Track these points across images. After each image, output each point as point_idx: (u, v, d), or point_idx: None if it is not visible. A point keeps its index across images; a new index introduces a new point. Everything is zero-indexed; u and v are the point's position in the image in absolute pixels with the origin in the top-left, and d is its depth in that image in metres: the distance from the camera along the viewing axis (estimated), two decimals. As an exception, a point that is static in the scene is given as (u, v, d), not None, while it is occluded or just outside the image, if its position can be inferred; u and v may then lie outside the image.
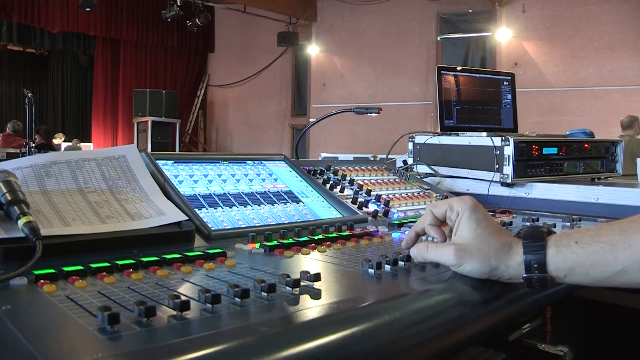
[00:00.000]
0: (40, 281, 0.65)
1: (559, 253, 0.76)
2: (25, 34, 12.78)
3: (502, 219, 1.39)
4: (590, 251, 0.75)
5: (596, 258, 0.74)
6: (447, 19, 11.13)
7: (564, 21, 9.49)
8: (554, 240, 0.77)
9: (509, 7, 10.09)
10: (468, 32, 10.97)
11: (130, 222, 0.94)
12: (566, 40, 9.49)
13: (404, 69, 11.30)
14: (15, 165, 0.97)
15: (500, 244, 0.77)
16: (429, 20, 11.16)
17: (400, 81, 11.24)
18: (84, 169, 1.03)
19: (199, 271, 0.75)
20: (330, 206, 1.26)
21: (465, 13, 10.95)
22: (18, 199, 0.84)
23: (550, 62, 9.74)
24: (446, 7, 10.98)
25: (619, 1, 9.04)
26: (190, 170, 1.17)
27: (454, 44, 11.20)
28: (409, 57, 11.27)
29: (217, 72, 14.37)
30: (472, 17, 10.91)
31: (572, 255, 0.75)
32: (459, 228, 0.80)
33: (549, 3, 9.67)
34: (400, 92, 11.26)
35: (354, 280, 0.74)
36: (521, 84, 9.91)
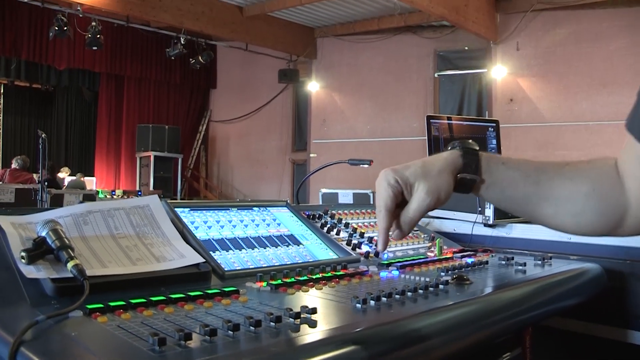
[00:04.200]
0: (94, 314, 0.82)
1: (488, 165, 0.94)
2: (32, 71, 13.06)
3: (481, 258, 1.56)
4: (509, 173, 0.94)
5: (511, 180, 0.94)
6: (444, 56, 11.38)
7: (557, 58, 9.75)
8: (486, 155, 0.96)
9: (504, 45, 10.35)
10: (465, 69, 11.22)
11: (157, 264, 1.10)
12: (560, 77, 9.73)
13: (402, 105, 11.50)
14: (58, 215, 1.14)
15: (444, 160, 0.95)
16: (427, 58, 11.40)
17: (399, 117, 11.42)
18: (115, 217, 1.20)
19: (218, 306, 0.92)
20: (327, 248, 1.43)
21: (461, 50, 11.19)
22: (65, 245, 1.00)
23: (545, 97, 9.96)
24: (443, 45, 11.23)
25: (608, 39, 9.32)
26: (204, 217, 1.34)
27: (451, 80, 11.43)
28: (407, 93, 11.50)
29: (218, 108, 14.62)
30: (468, 55, 11.16)
31: (497, 170, 0.94)
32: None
33: (542, 41, 9.94)
34: (399, 127, 11.44)
35: (343, 312, 0.91)
36: (517, 119, 10.15)
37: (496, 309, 1.06)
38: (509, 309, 1.08)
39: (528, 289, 1.19)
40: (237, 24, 11.17)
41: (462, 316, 0.97)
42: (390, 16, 10.79)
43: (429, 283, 1.08)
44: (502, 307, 1.08)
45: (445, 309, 0.96)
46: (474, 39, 10.36)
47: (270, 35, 11.68)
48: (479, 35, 10.01)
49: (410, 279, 1.20)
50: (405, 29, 11.24)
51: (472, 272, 1.35)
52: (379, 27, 11.39)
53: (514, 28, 10.11)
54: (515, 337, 1.45)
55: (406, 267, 1.35)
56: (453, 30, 10.58)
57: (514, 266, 1.46)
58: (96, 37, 10.35)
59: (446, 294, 1.07)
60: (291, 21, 11.83)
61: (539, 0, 9.63)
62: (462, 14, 9.26)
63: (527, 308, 1.13)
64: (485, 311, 1.02)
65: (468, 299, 1.04)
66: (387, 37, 11.57)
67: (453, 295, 1.06)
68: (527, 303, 1.15)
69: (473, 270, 1.38)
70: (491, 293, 1.12)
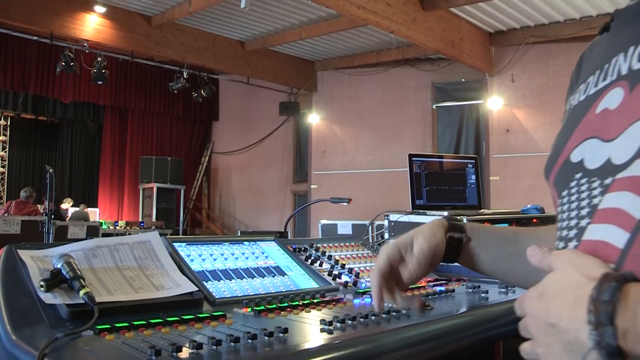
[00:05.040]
0: (102, 333, 0.99)
1: (472, 227, 1.08)
2: (38, 104, 13.36)
3: (450, 286, 1.72)
4: (491, 234, 1.09)
5: (495, 240, 1.07)
6: (442, 87, 11.61)
7: (551, 89, 9.94)
8: (469, 222, 1.12)
9: (499, 76, 10.57)
10: (462, 100, 11.43)
11: (156, 292, 1.27)
12: (554, 108, 9.90)
13: (401, 136, 11.69)
14: (70, 249, 1.31)
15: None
16: (425, 89, 11.63)
17: (398, 147, 11.56)
18: (120, 251, 1.38)
19: (207, 327, 1.08)
20: (310, 278, 1.59)
21: (458, 82, 11.42)
22: (77, 275, 1.17)
23: (540, 128, 10.12)
24: (440, 77, 11.47)
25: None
26: (199, 250, 1.51)
27: (448, 111, 11.64)
28: (406, 124, 11.70)
29: (221, 140, 14.84)
30: (465, 86, 11.39)
31: (480, 231, 1.08)
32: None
33: (536, 73, 10.16)
34: (398, 158, 11.58)
35: (311, 332, 1.08)
36: (513, 149, 10.34)
37: (450, 331, 1.22)
38: (459, 332, 1.24)
39: (481, 314, 1.36)
40: (239, 58, 11.46)
41: (416, 337, 1.13)
42: (388, 49, 11.06)
43: (392, 308, 1.25)
44: (455, 329, 1.24)
45: (400, 330, 1.12)
46: (471, 70, 10.59)
47: (271, 68, 11.96)
48: (474, 67, 10.25)
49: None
50: (403, 61, 11.50)
51: (437, 299, 1.51)
52: (377, 60, 11.65)
53: (509, 60, 10.34)
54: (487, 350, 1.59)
55: (379, 295, 1.51)
56: (450, 62, 10.82)
57: (479, 294, 1.62)
58: (101, 71, 10.63)
59: (407, 317, 1.23)
60: (291, 55, 12.11)
61: (532, 34, 9.87)
62: (458, 47, 9.51)
63: (478, 331, 1.29)
64: (437, 333, 1.18)
65: (423, 321, 1.20)
66: (385, 69, 11.83)
67: (413, 319, 1.22)
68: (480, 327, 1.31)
69: (439, 298, 1.54)
70: (447, 318, 1.28)
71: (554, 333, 0.60)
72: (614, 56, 0.75)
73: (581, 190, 0.71)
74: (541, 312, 0.62)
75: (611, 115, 0.70)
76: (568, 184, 0.75)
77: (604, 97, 0.73)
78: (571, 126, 0.79)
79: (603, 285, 0.56)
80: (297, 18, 9.99)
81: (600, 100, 0.74)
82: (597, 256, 0.63)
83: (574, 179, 0.74)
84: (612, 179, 0.67)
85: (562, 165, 0.77)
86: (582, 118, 0.77)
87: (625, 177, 0.65)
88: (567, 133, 0.79)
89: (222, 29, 10.79)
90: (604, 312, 0.54)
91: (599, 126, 0.72)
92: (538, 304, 0.63)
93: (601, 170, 0.69)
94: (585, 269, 0.60)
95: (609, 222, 0.65)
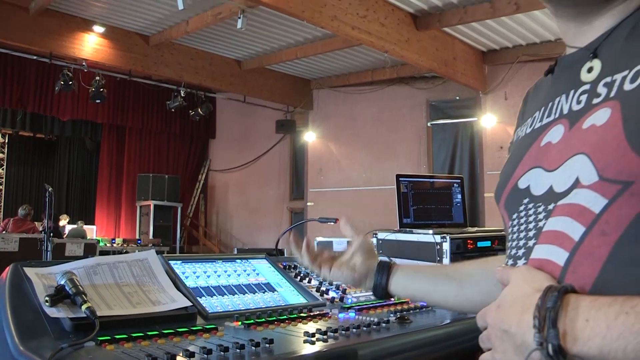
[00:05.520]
0: (103, 344, 1.08)
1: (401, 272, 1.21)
2: (36, 122, 13.41)
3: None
4: (419, 274, 1.21)
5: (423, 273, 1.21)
6: (436, 105, 11.71)
7: (544, 108, 10.05)
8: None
9: (493, 94, 10.70)
10: (456, 118, 11.53)
11: (153, 307, 1.36)
12: (547, 126, 10.02)
13: (397, 154, 11.77)
14: (73, 267, 1.40)
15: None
16: (419, 107, 11.73)
17: (393, 165, 11.62)
18: (119, 268, 1.47)
19: (200, 339, 1.18)
20: (298, 294, 1.68)
21: (452, 100, 11.53)
22: (80, 291, 1.26)
23: (534, 146, 10.22)
24: (435, 95, 11.58)
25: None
26: (193, 268, 1.61)
27: (443, 129, 11.73)
28: (401, 142, 11.79)
29: (217, 158, 14.92)
30: (459, 104, 11.49)
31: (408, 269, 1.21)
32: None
33: (529, 92, 10.28)
34: (394, 175, 11.62)
35: (294, 343, 1.17)
36: (507, 168, 10.42)
37: (427, 342, 1.31)
38: (436, 343, 1.33)
39: (458, 326, 1.45)
40: (236, 77, 11.59)
41: (394, 347, 1.22)
42: (383, 68, 11.19)
43: (373, 322, 1.34)
44: (432, 341, 1.33)
45: (379, 341, 1.22)
46: (464, 89, 10.71)
47: (268, 87, 12.08)
48: (468, 86, 10.38)
49: (363, 319, 1.45)
50: (398, 80, 11.62)
51: (418, 314, 1.60)
52: (372, 79, 11.79)
53: (502, 79, 10.48)
54: None
55: (363, 310, 1.60)
56: (444, 81, 10.95)
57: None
58: (99, 90, 10.74)
59: (387, 330, 1.32)
60: (288, 73, 12.24)
61: (524, 52, 10.02)
62: (451, 66, 9.65)
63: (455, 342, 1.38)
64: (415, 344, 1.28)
65: (402, 333, 1.30)
66: (380, 88, 11.96)
67: (392, 331, 1.31)
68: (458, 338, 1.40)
69: (420, 312, 1.63)
70: (425, 330, 1.38)
71: (507, 339, 0.70)
72: (558, 96, 0.85)
73: (528, 214, 0.81)
74: (498, 321, 0.72)
75: (553, 149, 0.81)
76: (517, 208, 0.85)
77: (548, 132, 0.84)
78: (519, 155, 0.89)
79: (547, 295, 0.66)
80: (293, 38, 10.14)
81: (544, 134, 0.84)
82: (544, 271, 0.74)
83: (522, 203, 0.84)
84: (554, 205, 0.77)
85: (511, 191, 0.87)
86: (528, 149, 0.87)
87: (565, 203, 0.75)
88: (516, 161, 0.89)
89: (219, 48, 10.93)
90: (547, 317, 0.64)
91: (543, 157, 0.82)
92: (496, 314, 0.73)
93: (545, 196, 0.79)
94: (533, 282, 0.71)
95: (552, 243, 0.75)
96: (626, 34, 0.78)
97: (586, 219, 0.71)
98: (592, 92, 0.79)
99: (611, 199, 0.69)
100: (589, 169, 0.72)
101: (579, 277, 0.70)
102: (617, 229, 0.68)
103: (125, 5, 9.01)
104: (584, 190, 0.73)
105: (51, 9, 9.04)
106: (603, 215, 0.70)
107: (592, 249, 0.70)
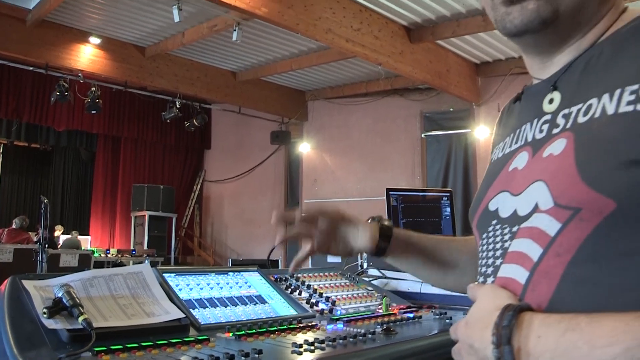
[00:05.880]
0: (100, 354, 1.13)
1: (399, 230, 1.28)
2: (32, 132, 13.46)
3: (420, 313, 1.86)
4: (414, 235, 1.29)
5: (417, 238, 1.29)
6: (430, 117, 11.81)
7: (537, 120, 10.14)
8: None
9: (486, 106, 10.79)
10: (450, 129, 11.62)
11: (147, 318, 1.41)
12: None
13: (391, 165, 11.86)
14: (70, 279, 1.45)
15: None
16: (414, 119, 11.82)
17: (388, 176, 11.70)
18: (115, 281, 1.52)
19: (192, 349, 1.22)
20: (289, 306, 1.73)
21: (446, 112, 11.63)
22: (77, 303, 1.31)
23: (526, 157, 10.29)
24: (429, 106, 11.67)
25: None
26: (187, 280, 1.65)
27: (437, 140, 11.82)
28: (395, 153, 11.87)
29: (213, 168, 14.97)
30: (453, 115, 11.58)
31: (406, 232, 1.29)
32: None
33: (522, 104, 10.37)
34: (388, 186, 11.69)
35: (282, 354, 1.22)
36: (500, 179, 10.50)
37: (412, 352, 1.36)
38: (420, 354, 1.38)
39: (441, 337, 1.50)
40: (231, 88, 11.67)
41: (379, 358, 1.27)
42: (377, 80, 11.29)
43: (359, 333, 1.39)
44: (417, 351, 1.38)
45: (365, 351, 1.27)
46: (458, 100, 10.81)
47: (263, 98, 12.16)
48: (461, 98, 10.48)
49: (350, 331, 1.50)
50: (392, 91, 11.72)
51: (405, 325, 1.65)
52: (367, 90, 11.89)
53: (495, 91, 10.57)
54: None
55: (351, 322, 1.65)
56: (438, 92, 11.04)
57: (444, 319, 1.76)
58: (95, 101, 10.80)
59: (373, 341, 1.37)
60: (283, 85, 12.33)
61: (516, 65, 10.11)
62: (445, 78, 9.75)
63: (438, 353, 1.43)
64: (400, 355, 1.33)
65: (387, 344, 1.35)
66: (375, 99, 12.04)
67: (377, 342, 1.36)
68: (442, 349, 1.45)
69: (407, 324, 1.68)
70: (409, 341, 1.43)
71: (473, 353, 0.76)
72: (524, 124, 0.92)
73: (496, 235, 0.87)
74: (465, 336, 0.79)
75: (518, 174, 0.88)
76: (487, 229, 0.91)
77: (515, 158, 0.91)
78: (491, 178, 0.96)
79: (504, 313, 0.72)
80: (288, 50, 10.23)
81: (512, 160, 0.91)
82: (508, 289, 0.79)
83: (491, 224, 0.90)
84: (518, 227, 0.83)
85: (482, 212, 0.94)
86: (499, 173, 0.94)
87: (526, 226, 0.81)
88: (488, 184, 0.96)
89: (215, 59, 11.01)
90: (503, 335, 0.70)
91: (510, 182, 0.89)
92: (464, 330, 0.79)
93: (510, 219, 0.86)
94: (496, 300, 0.77)
95: (515, 263, 0.81)
96: (580, 70, 0.85)
97: (543, 241, 0.77)
98: (552, 122, 0.85)
99: (564, 223, 0.75)
100: (546, 195, 0.78)
101: (537, 295, 0.76)
102: (570, 251, 0.74)
103: (122, 17, 9.09)
104: (541, 215, 0.79)
105: (48, 20, 9.11)
106: (557, 238, 0.76)
107: (549, 268, 0.76)
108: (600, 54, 0.83)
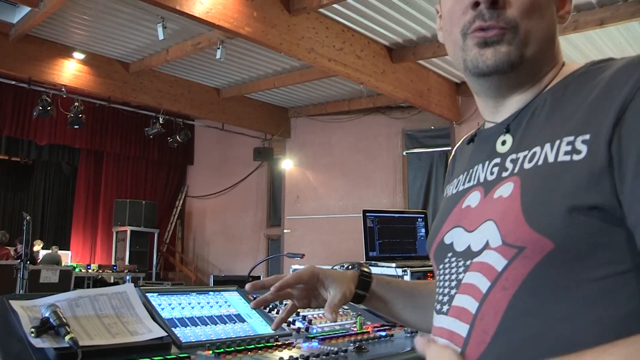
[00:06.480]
0: (86, 372, 1.20)
1: (378, 283, 1.31)
2: (13, 146, 13.30)
3: (392, 332, 1.94)
4: (392, 290, 1.32)
5: (395, 293, 1.31)
6: (412, 135, 11.92)
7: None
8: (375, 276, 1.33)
9: (466, 125, 10.89)
10: (431, 147, 11.73)
11: (131, 337, 1.48)
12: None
13: (373, 182, 11.94)
14: (56, 299, 1.52)
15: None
16: (395, 137, 11.93)
17: (370, 193, 11.79)
18: (99, 301, 1.59)
19: (173, 367, 1.30)
20: (267, 324, 1.81)
21: (428, 130, 11.74)
22: (63, 323, 1.38)
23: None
24: (410, 125, 11.79)
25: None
26: (169, 300, 1.73)
27: (418, 157, 11.93)
28: (377, 171, 11.96)
29: (195, 184, 14.99)
30: (434, 133, 11.69)
31: (384, 287, 1.31)
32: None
33: (502, 123, 10.52)
34: (369, 203, 11.78)
35: (259, 371, 1.30)
36: (480, 196, 10.62)
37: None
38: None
39: (411, 356, 1.58)
40: (214, 105, 11.72)
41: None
42: (359, 98, 11.43)
43: (332, 351, 1.47)
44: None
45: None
46: (439, 119, 10.94)
47: (246, 115, 12.22)
48: (442, 116, 10.62)
49: (324, 349, 1.58)
50: (375, 109, 11.85)
51: (377, 343, 1.73)
52: (349, 108, 11.99)
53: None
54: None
55: (326, 340, 1.73)
56: (419, 111, 11.17)
57: (414, 338, 1.85)
58: (78, 116, 10.77)
59: (345, 359, 1.45)
60: (266, 102, 12.40)
61: (496, 86, 10.27)
62: (425, 97, 9.89)
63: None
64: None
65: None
66: (357, 117, 12.15)
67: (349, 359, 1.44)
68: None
69: (379, 342, 1.76)
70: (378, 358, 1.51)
71: None
72: (476, 165, 1.02)
73: (451, 267, 0.97)
74: None
75: (472, 212, 0.97)
76: (443, 260, 1.00)
77: (468, 196, 1.00)
78: (446, 213, 1.05)
79: None
80: (272, 67, 10.33)
81: (465, 197, 1.01)
82: (451, 347, 0.89)
83: (447, 256, 0.99)
84: (471, 261, 0.93)
85: (439, 244, 1.03)
86: (453, 208, 1.03)
87: (478, 261, 0.91)
88: (443, 218, 1.05)
89: (198, 76, 11.08)
90: None
91: (464, 218, 0.98)
92: None
93: (464, 253, 0.95)
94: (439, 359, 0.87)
95: (467, 294, 0.90)
96: (527, 118, 0.95)
97: (492, 275, 0.87)
98: (502, 165, 0.95)
99: (510, 260, 0.85)
100: (495, 234, 0.88)
101: (485, 324, 0.85)
102: (514, 285, 0.84)
103: (106, 33, 9.14)
104: (491, 252, 0.88)
105: (31, 35, 9.13)
106: (504, 273, 0.85)
107: (495, 300, 0.85)
108: (544, 104, 0.93)
